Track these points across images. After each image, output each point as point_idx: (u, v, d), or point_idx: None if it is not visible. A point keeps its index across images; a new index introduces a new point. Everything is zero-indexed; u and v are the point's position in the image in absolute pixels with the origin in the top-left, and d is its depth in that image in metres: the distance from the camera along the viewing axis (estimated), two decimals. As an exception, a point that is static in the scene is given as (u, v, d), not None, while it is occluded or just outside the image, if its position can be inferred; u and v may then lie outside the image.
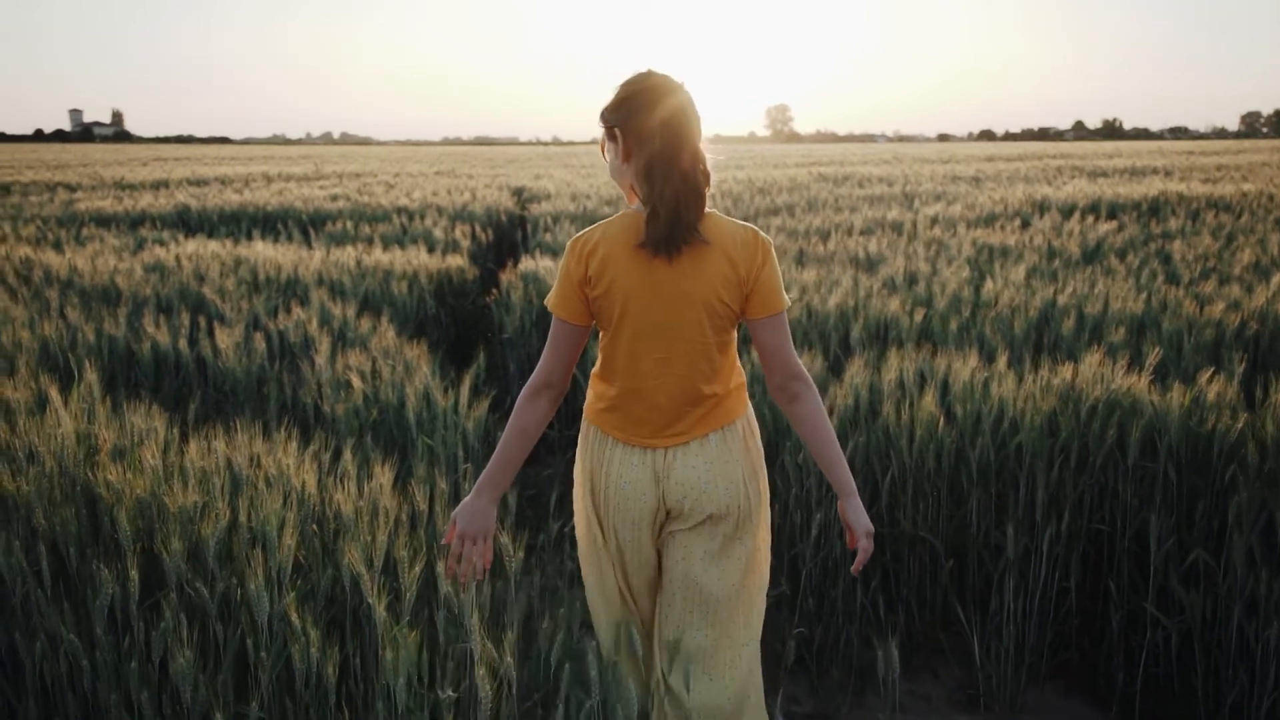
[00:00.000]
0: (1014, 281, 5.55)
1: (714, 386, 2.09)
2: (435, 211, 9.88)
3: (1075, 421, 3.34)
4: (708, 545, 2.14)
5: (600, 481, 2.16)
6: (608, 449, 2.14)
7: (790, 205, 10.51)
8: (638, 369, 2.07)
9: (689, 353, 2.05)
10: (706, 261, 2.00)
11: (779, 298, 2.05)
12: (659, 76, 2.04)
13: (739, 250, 2.02)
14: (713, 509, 2.11)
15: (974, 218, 8.85)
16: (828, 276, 5.82)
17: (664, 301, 2.01)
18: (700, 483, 2.09)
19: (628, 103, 2.02)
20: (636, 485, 2.11)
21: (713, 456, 2.10)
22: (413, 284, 6.07)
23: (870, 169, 19.29)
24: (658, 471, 2.10)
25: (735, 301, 2.03)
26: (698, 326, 2.03)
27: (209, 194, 11.83)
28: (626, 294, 2.02)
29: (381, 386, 3.91)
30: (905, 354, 3.91)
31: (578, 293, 2.05)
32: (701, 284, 2.00)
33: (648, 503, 2.12)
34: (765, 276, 2.04)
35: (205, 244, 6.83)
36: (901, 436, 3.45)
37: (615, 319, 2.04)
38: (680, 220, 1.96)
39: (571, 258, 2.06)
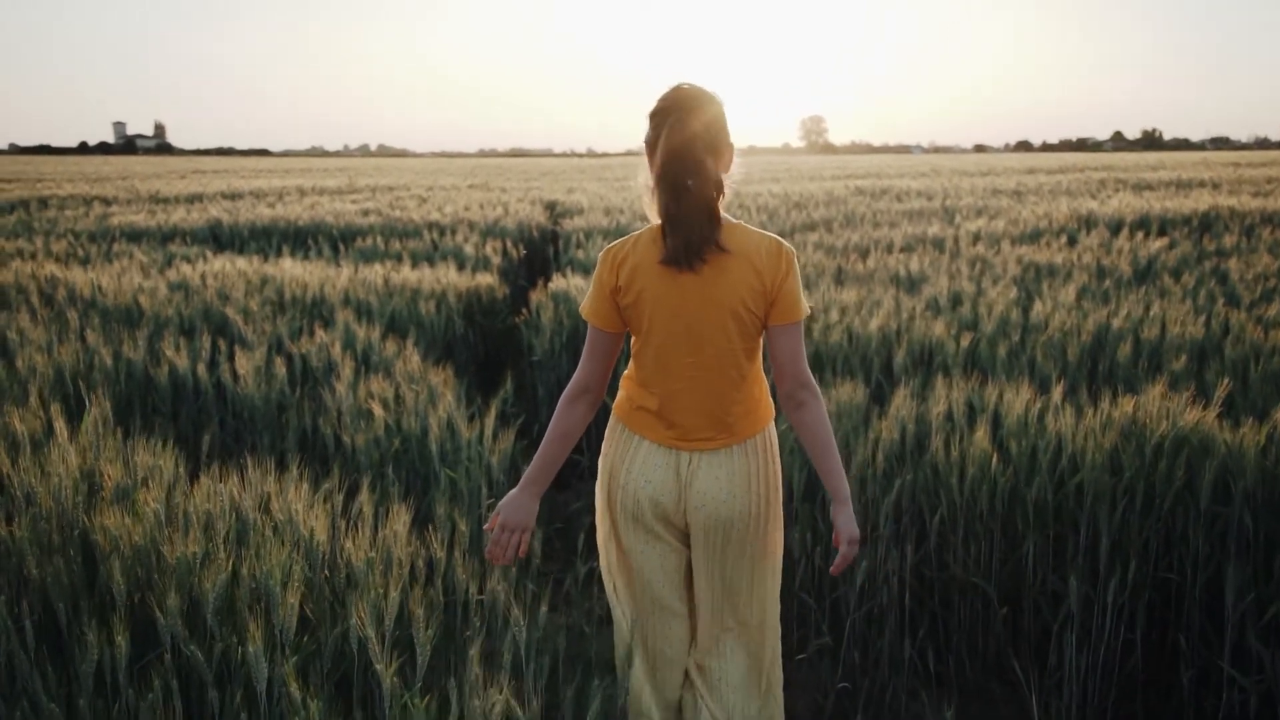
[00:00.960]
0: (1064, 303, 5.32)
1: (741, 393, 2.18)
2: (467, 227, 9.76)
3: (1139, 460, 3.11)
4: (724, 559, 2.24)
5: (620, 477, 2.24)
6: (634, 445, 2.23)
7: (827, 220, 10.29)
8: (668, 373, 2.16)
9: (717, 358, 2.13)
10: (732, 270, 2.08)
11: (799, 307, 2.13)
12: (683, 90, 2.10)
13: (764, 260, 2.09)
14: (728, 517, 2.19)
15: (1018, 234, 8.59)
16: (868, 297, 5.61)
17: (691, 309, 2.09)
18: (721, 493, 2.18)
19: (651, 120, 2.10)
20: (658, 484, 2.20)
21: (735, 468, 2.19)
22: (441, 303, 5.92)
23: (908, 182, 19.00)
24: (681, 474, 2.19)
25: (760, 309, 2.11)
26: (724, 333, 2.11)
27: (242, 208, 11.79)
28: (655, 302, 2.10)
29: (404, 415, 3.75)
30: (953, 383, 3.70)
31: (609, 301, 2.16)
32: (728, 292, 2.08)
33: (667, 503, 2.21)
34: (788, 286, 2.11)
35: (233, 261, 6.72)
36: (951, 474, 3.23)
37: (645, 326, 2.14)
38: (693, 235, 2.04)
39: (604, 267, 2.16)
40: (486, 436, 3.63)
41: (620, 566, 2.36)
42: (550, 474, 2.30)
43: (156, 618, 1.99)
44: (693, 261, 2.06)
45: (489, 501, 3.41)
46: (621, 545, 2.32)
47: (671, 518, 2.24)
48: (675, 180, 2.03)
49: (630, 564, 2.32)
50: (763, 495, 2.23)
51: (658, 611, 2.35)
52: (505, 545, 2.24)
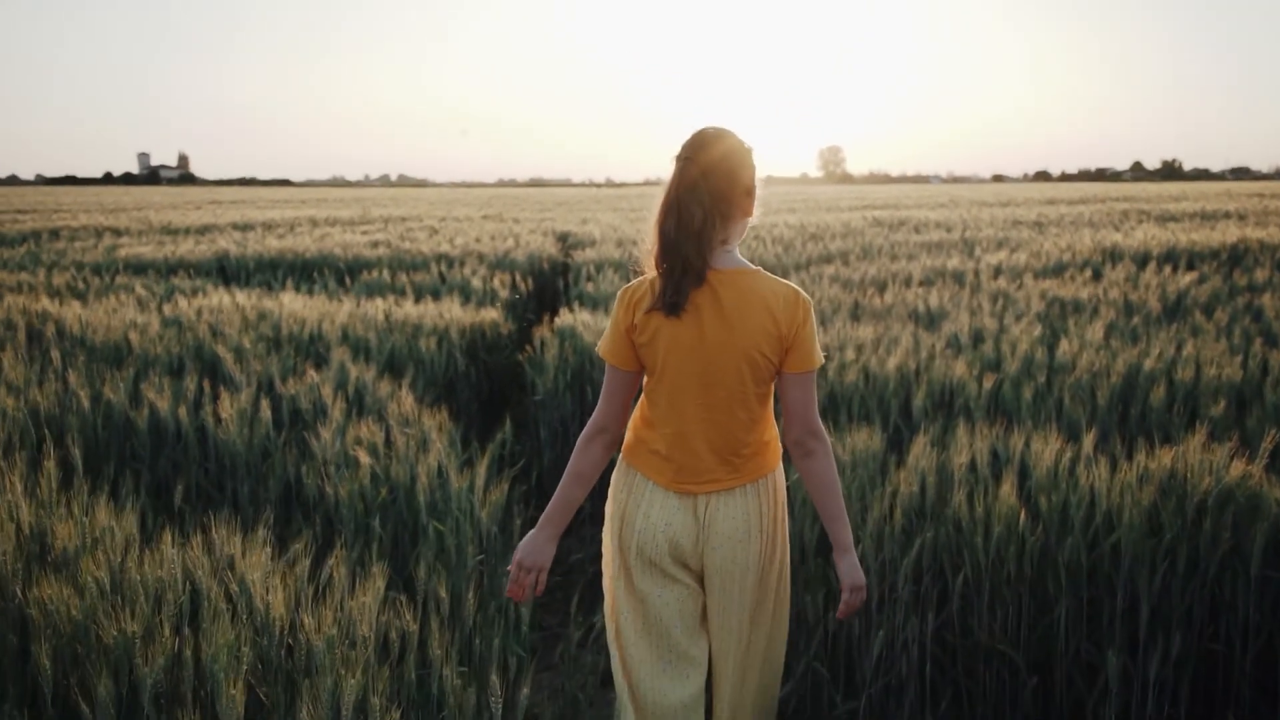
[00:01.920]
0: (1092, 341, 5.07)
1: (752, 435, 2.19)
2: (476, 259, 9.59)
3: (1181, 519, 2.87)
4: (740, 599, 2.23)
5: (636, 521, 2.21)
6: (646, 493, 2.21)
7: (844, 252, 10.07)
8: (681, 414, 2.16)
9: (729, 401, 2.14)
10: (749, 316, 2.10)
11: (813, 357, 2.15)
12: (696, 135, 2.14)
13: (781, 307, 2.11)
14: (744, 559, 2.20)
15: (1040, 267, 8.35)
16: (886, 334, 5.38)
17: (706, 352, 2.11)
18: (739, 533, 2.18)
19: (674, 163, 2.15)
20: (676, 527, 2.19)
21: (750, 508, 2.19)
22: (443, 340, 5.73)
23: (926, 213, 18.78)
24: (698, 518, 2.19)
25: (775, 355, 2.13)
26: (738, 377, 2.12)
27: (251, 240, 11.68)
28: (670, 343, 2.12)
29: (393, 463, 3.54)
30: (975, 429, 3.46)
31: (625, 340, 2.18)
32: (744, 337, 2.10)
33: (686, 544, 2.20)
34: (803, 335, 2.13)
35: (233, 295, 6.56)
36: (976, 532, 2.99)
37: (659, 366, 2.15)
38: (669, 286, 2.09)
39: (621, 307, 2.19)
40: (478, 487, 3.42)
41: (631, 613, 2.27)
42: (568, 514, 2.29)
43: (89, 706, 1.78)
44: (676, 310, 2.09)
45: (478, 558, 3.19)
46: (634, 592, 2.26)
47: (689, 560, 2.22)
48: (664, 230, 2.10)
49: (646, 611, 2.25)
50: (773, 535, 2.25)
51: (676, 660, 2.26)
52: (522, 584, 2.26)
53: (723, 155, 2.12)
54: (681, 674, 2.25)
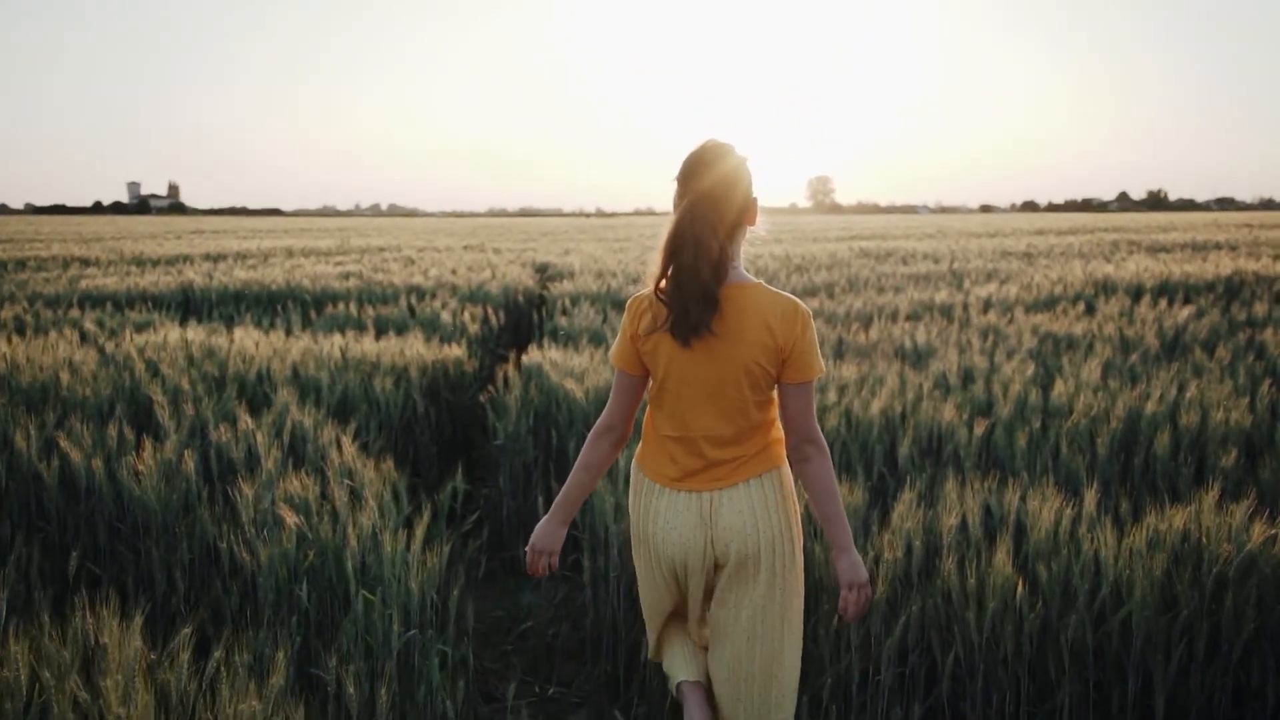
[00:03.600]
0: (1088, 382, 4.76)
1: (753, 439, 2.26)
2: (449, 291, 9.26)
3: (1198, 592, 2.54)
4: (753, 593, 2.27)
5: (648, 527, 2.32)
6: (655, 497, 2.31)
7: (829, 285, 9.77)
8: (683, 420, 2.25)
9: (729, 409, 2.21)
10: (747, 328, 2.16)
11: (812, 367, 2.21)
12: (703, 156, 2.20)
13: (779, 320, 2.17)
14: (754, 551, 2.24)
15: (1031, 300, 8.06)
16: (870, 373, 5.06)
17: (706, 362, 2.18)
18: (745, 527, 2.23)
19: (676, 184, 2.24)
20: (684, 530, 2.27)
21: (756, 501, 2.25)
22: (401, 379, 5.38)
23: (914, 244, 18.55)
24: (704, 516, 2.25)
25: (773, 366, 2.19)
26: (737, 386, 2.19)
27: (220, 271, 11.33)
28: (671, 353, 2.20)
29: (322, 522, 3.19)
30: (966, 482, 3.15)
31: (631, 347, 2.27)
32: (743, 349, 2.17)
33: (696, 547, 2.27)
34: (801, 346, 2.18)
35: (184, 330, 6.21)
36: (968, 606, 2.66)
37: (662, 373, 2.24)
38: (689, 315, 2.13)
39: (628, 315, 2.28)
40: (415, 552, 3.07)
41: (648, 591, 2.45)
42: (577, 502, 2.44)
43: None
44: (688, 339, 2.14)
45: (406, 636, 2.83)
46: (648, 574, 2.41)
47: (698, 560, 2.28)
48: (680, 262, 2.12)
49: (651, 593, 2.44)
50: (784, 524, 2.28)
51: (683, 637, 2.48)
52: (538, 565, 2.43)
53: (730, 178, 2.17)
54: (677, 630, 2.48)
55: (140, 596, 3.18)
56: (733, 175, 2.17)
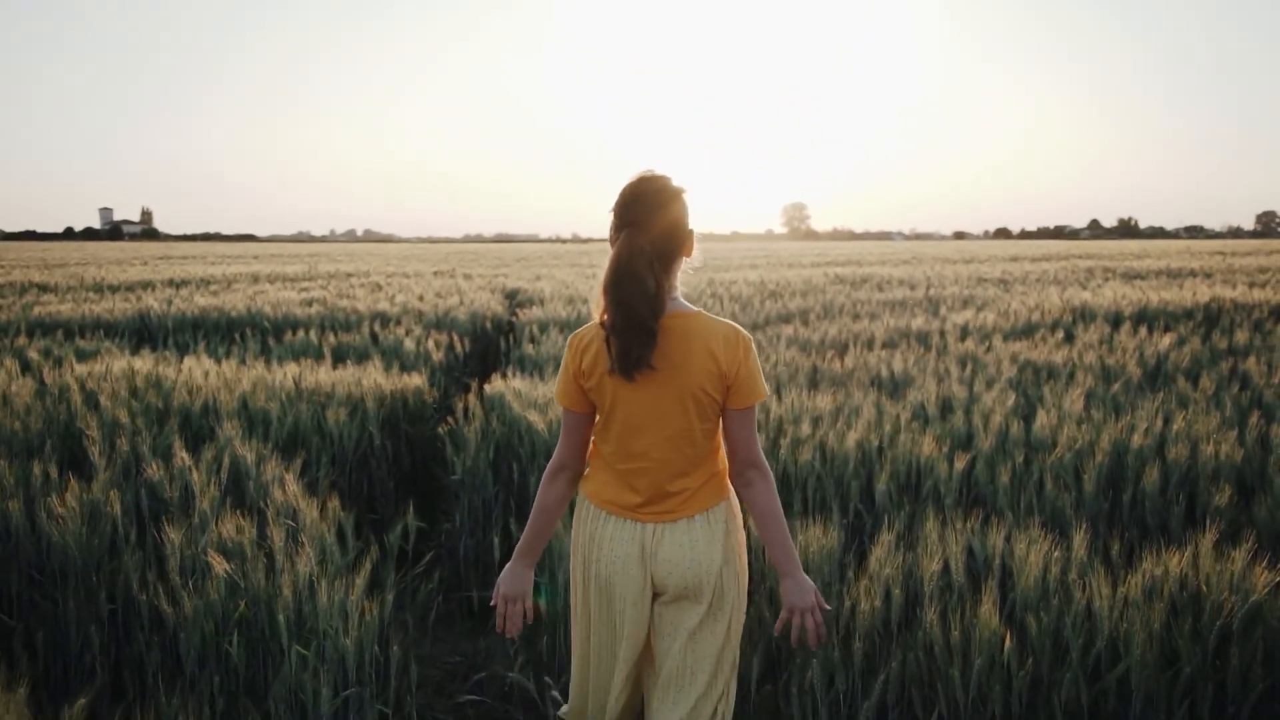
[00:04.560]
0: (1071, 413, 4.57)
1: (700, 469, 2.25)
2: (414, 318, 9.02)
3: (1200, 646, 2.34)
4: (690, 624, 2.24)
5: (592, 553, 2.29)
6: (599, 524, 2.28)
7: (804, 311, 9.59)
8: (629, 452, 2.23)
9: (675, 438, 2.21)
10: (690, 357, 2.16)
11: (755, 392, 2.21)
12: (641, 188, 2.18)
13: (722, 347, 2.18)
14: (692, 586, 2.23)
15: (1009, 328, 7.90)
16: (846, 403, 4.86)
17: (652, 393, 2.18)
18: (685, 561, 2.22)
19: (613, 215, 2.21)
20: (626, 560, 2.24)
21: (697, 537, 2.23)
22: (357, 410, 5.14)
23: (889, 270, 18.46)
24: (645, 546, 2.24)
25: (719, 392, 2.20)
26: (684, 415, 2.19)
27: (180, 297, 11.04)
28: (615, 386, 2.19)
29: (253, 570, 2.94)
30: (948, 522, 2.95)
31: (575, 384, 2.26)
32: (687, 378, 2.17)
33: (636, 576, 2.24)
34: (745, 372, 2.20)
35: (129, 360, 5.94)
36: (953, 662, 2.44)
37: (608, 407, 2.23)
38: (630, 350, 2.12)
39: (570, 352, 2.27)
40: (355, 598, 2.83)
41: (583, 632, 2.38)
42: (538, 545, 2.39)
43: None
44: (630, 374, 2.13)
45: (340, 697, 2.59)
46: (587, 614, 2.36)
47: (641, 590, 2.25)
48: (618, 297, 2.10)
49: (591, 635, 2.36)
50: (727, 559, 2.26)
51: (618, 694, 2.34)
52: (510, 616, 2.35)
53: (664, 210, 2.16)
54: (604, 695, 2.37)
55: (52, 653, 2.92)
56: (670, 208, 2.16)
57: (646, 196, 2.16)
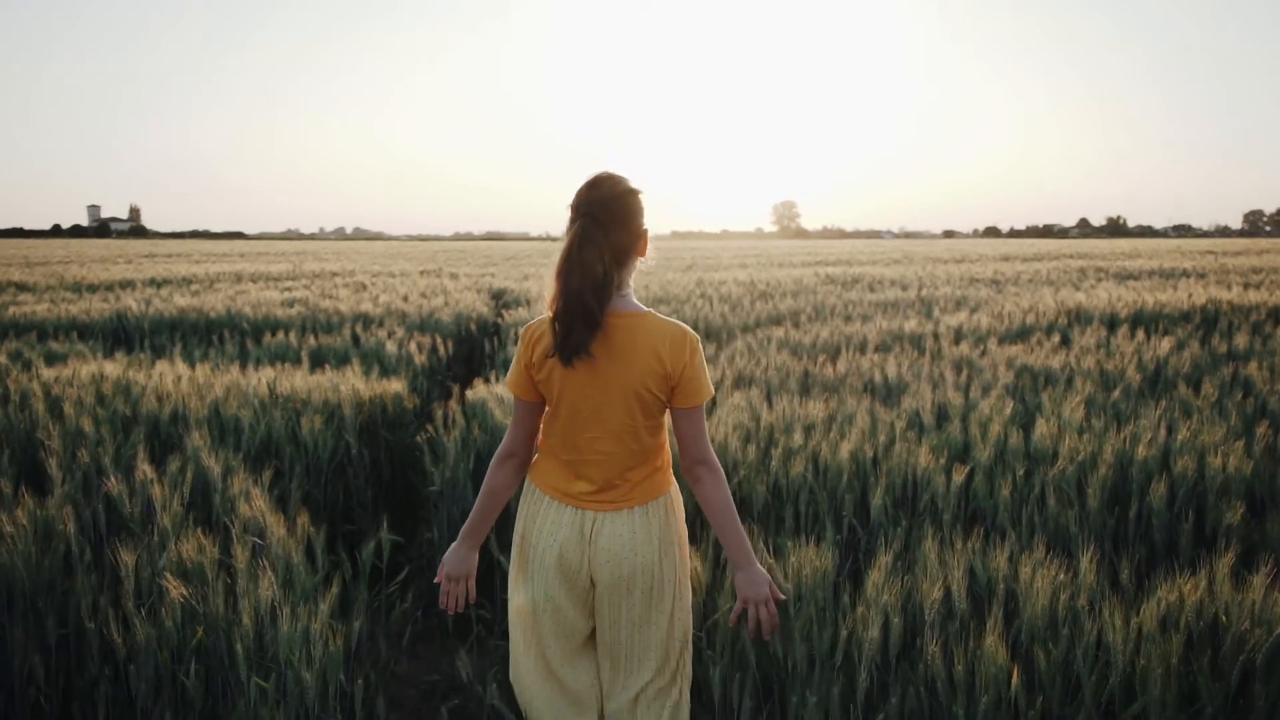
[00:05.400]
0: (1071, 422, 4.42)
1: (643, 464, 2.30)
2: (397, 319, 8.84)
3: (1221, 684, 2.18)
4: (629, 612, 2.31)
5: (531, 535, 2.34)
6: (542, 507, 2.34)
7: (795, 313, 9.44)
8: (574, 443, 2.29)
9: (619, 433, 2.26)
10: (635, 355, 2.21)
11: (701, 391, 2.26)
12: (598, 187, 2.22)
13: (667, 347, 2.22)
14: (630, 573, 2.28)
15: (1004, 331, 7.75)
16: (839, 410, 4.70)
17: (596, 388, 2.23)
18: (623, 550, 2.27)
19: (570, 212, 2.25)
20: (565, 542, 2.29)
21: (636, 527, 2.29)
22: (334, 417, 4.96)
23: (881, 269, 18.32)
24: (584, 533, 2.29)
25: (663, 392, 2.25)
26: (627, 411, 2.24)
27: (159, 297, 10.82)
28: (564, 379, 2.24)
29: (213, 593, 2.77)
30: (946, 542, 2.79)
31: (526, 375, 2.31)
32: (631, 375, 2.22)
33: (573, 558, 2.29)
34: (691, 372, 2.24)
35: (99, 363, 5.75)
36: (956, 699, 2.28)
37: (555, 399, 2.29)
38: (571, 336, 2.16)
39: (523, 344, 2.32)
40: (319, 624, 2.65)
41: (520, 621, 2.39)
42: (484, 528, 2.48)
43: None
44: (570, 358, 2.18)
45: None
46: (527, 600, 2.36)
47: (577, 575, 2.30)
48: (566, 283, 2.16)
49: (532, 622, 2.37)
50: (665, 550, 2.32)
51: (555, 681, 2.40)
52: (453, 595, 2.44)
53: (619, 206, 2.21)
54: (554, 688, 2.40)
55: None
56: (621, 203, 2.21)
57: (602, 191, 2.21)
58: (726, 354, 6.70)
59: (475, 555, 2.46)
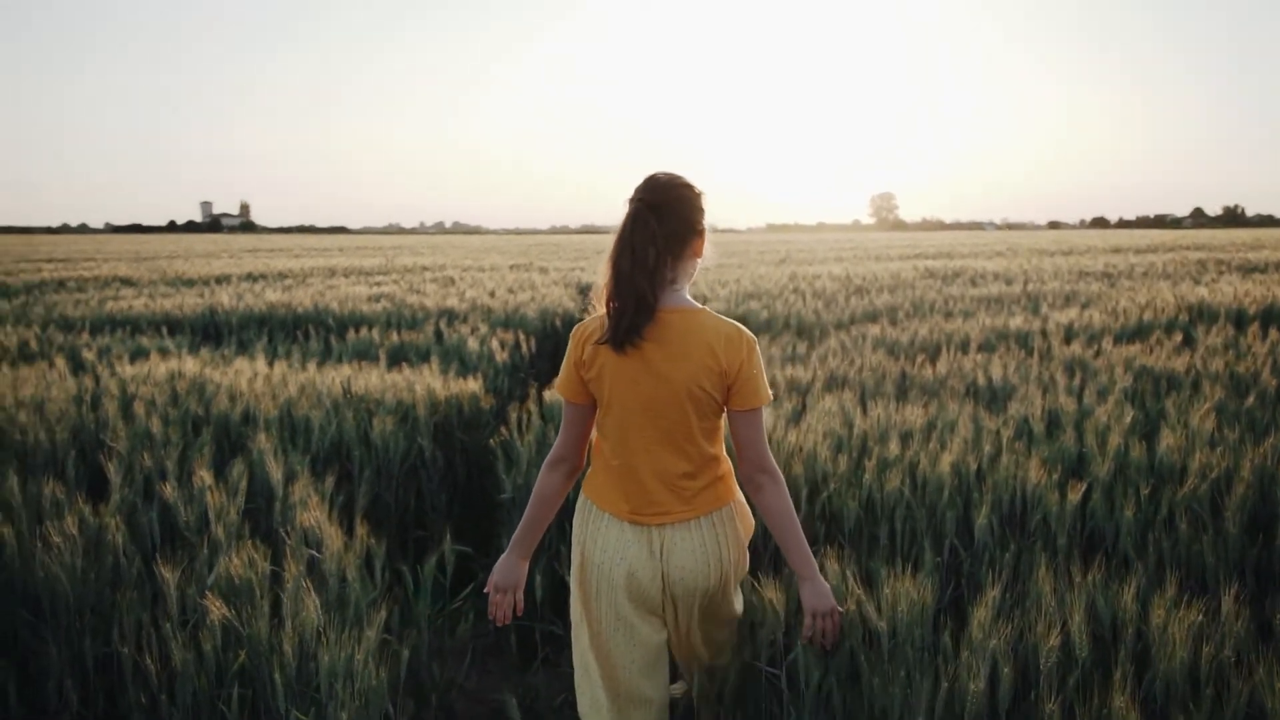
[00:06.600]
0: (1201, 432, 3.99)
1: (701, 469, 2.27)
2: (482, 314, 8.70)
3: None
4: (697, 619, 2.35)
5: (594, 555, 2.30)
6: (602, 525, 2.30)
7: (892, 309, 9.02)
8: (627, 446, 2.25)
9: (673, 435, 2.23)
10: (690, 352, 2.19)
11: (759, 394, 2.23)
12: (654, 183, 2.23)
13: (722, 344, 2.20)
14: (705, 588, 2.29)
15: (1119, 328, 7.24)
16: (939, 415, 4.35)
17: (648, 387, 2.20)
18: (698, 565, 2.26)
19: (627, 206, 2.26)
20: (633, 561, 2.25)
21: (708, 539, 2.27)
22: (407, 417, 4.80)
23: (983, 263, 17.64)
24: (654, 550, 2.25)
25: (718, 391, 2.22)
26: (681, 411, 2.21)
27: (251, 292, 10.91)
28: (615, 378, 2.22)
29: (258, 614, 2.59)
30: (1060, 573, 2.47)
31: (576, 375, 2.29)
32: (683, 372, 2.19)
33: (645, 575, 2.25)
34: (747, 372, 2.21)
35: (180, 360, 5.70)
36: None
37: (606, 399, 2.26)
38: (623, 321, 2.15)
39: (573, 343, 2.30)
40: (364, 653, 2.45)
41: (594, 649, 2.35)
42: (534, 537, 2.42)
43: None
44: (622, 344, 2.16)
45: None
46: (593, 624, 2.33)
47: (647, 591, 2.27)
48: (618, 267, 2.16)
49: (600, 645, 2.33)
50: (733, 563, 2.32)
51: (624, 699, 2.35)
52: (501, 606, 2.37)
53: (675, 198, 2.21)
54: (633, 711, 2.35)
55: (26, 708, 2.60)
56: (676, 194, 2.21)
57: (658, 182, 2.21)
58: (819, 353, 6.36)
59: (525, 565, 2.42)
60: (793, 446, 3.78)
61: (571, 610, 2.42)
